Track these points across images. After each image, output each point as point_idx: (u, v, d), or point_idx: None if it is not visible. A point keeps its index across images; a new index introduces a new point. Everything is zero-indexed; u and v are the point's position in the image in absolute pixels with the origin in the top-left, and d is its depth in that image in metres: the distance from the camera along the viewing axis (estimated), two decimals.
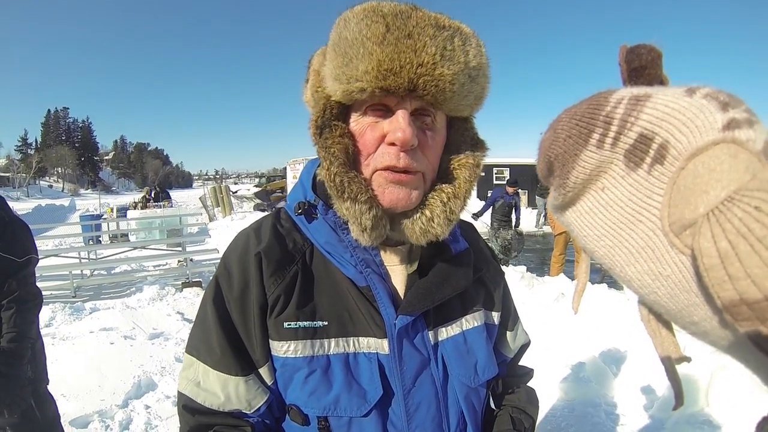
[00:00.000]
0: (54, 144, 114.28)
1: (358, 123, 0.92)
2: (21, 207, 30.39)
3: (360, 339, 0.96)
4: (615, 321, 4.92)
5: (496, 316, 1.14)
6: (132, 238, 14.28)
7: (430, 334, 1.00)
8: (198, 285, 8.56)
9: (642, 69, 0.42)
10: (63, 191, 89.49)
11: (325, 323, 0.95)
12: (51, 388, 2.75)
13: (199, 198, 26.69)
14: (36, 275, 2.60)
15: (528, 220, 17.71)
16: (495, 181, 23.53)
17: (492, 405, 1.18)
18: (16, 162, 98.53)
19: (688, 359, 0.43)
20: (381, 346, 0.95)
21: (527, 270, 7.41)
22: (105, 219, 16.97)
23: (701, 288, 0.30)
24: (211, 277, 1.05)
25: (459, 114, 0.96)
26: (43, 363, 2.67)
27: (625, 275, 0.37)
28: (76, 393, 4.31)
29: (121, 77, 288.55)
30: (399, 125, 0.86)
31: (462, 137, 0.99)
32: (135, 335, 5.77)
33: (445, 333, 1.02)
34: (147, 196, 22.82)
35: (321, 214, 1.00)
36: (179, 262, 10.54)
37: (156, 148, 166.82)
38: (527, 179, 17.61)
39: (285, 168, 29.00)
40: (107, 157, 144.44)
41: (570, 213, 0.42)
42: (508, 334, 1.22)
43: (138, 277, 9.49)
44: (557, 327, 5.14)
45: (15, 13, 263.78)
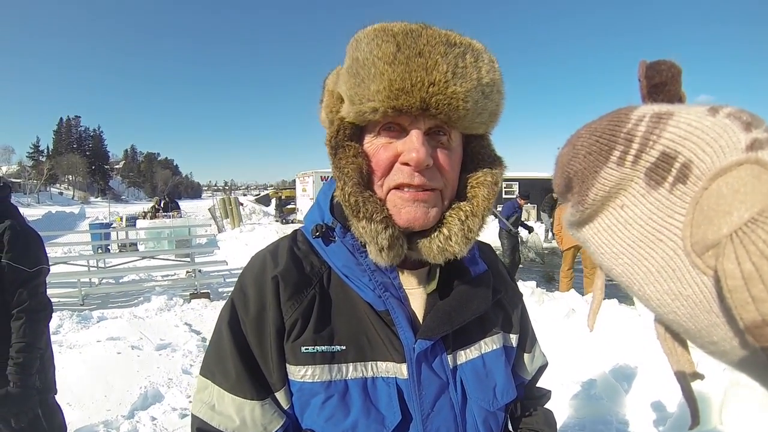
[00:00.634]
0: (65, 152, 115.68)
1: (371, 144, 0.91)
2: (31, 213, 30.64)
3: (378, 363, 0.94)
4: (626, 337, 4.87)
5: (514, 338, 1.12)
6: (141, 247, 14.33)
7: (448, 357, 0.98)
8: (206, 296, 8.57)
9: (662, 85, 0.42)
10: (73, 199, 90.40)
11: (343, 348, 0.93)
12: (57, 396, 2.74)
13: (209, 209, 26.78)
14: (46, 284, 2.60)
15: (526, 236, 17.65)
16: (504, 195, 23.45)
17: (510, 428, 1.16)
18: (27, 168, 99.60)
19: (701, 377, 0.43)
20: (400, 370, 0.93)
21: (537, 285, 7.36)
22: (114, 228, 17.06)
23: (723, 309, 0.30)
24: (227, 300, 1.04)
25: (474, 131, 0.95)
26: (52, 373, 2.67)
27: (644, 294, 0.37)
28: (82, 402, 4.31)
29: (133, 87, 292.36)
30: (413, 145, 0.85)
31: (479, 155, 0.98)
32: (142, 345, 5.77)
33: (464, 356, 1.01)
34: (156, 206, 22.92)
35: (339, 237, 0.98)
36: (187, 272, 10.55)
37: (166, 158, 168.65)
38: (536, 193, 17.54)
39: (294, 180, 29.18)
40: (117, 166, 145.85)
41: (587, 230, 0.41)
42: (525, 356, 1.20)
43: (146, 287, 9.52)
44: (568, 343, 5.09)
45: (31, 24, 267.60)
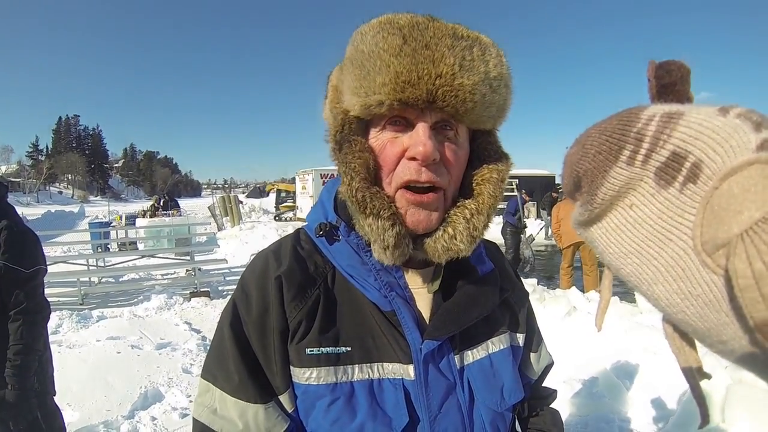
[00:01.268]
0: (64, 151, 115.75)
1: (377, 138, 0.89)
2: (31, 212, 30.67)
3: (385, 365, 0.92)
4: (628, 335, 4.86)
5: (521, 337, 1.11)
6: (140, 246, 14.33)
7: (456, 358, 0.97)
8: (206, 295, 8.56)
9: (672, 85, 0.43)
10: (72, 198, 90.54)
11: (349, 349, 0.92)
12: (56, 396, 2.73)
13: (208, 207, 26.80)
14: (45, 283, 2.59)
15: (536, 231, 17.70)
16: (504, 192, 23.35)
17: (517, 428, 1.15)
18: (26, 168, 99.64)
19: (709, 376, 0.43)
20: (406, 371, 0.92)
21: (538, 283, 7.36)
22: (114, 227, 17.05)
23: (733, 308, 0.30)
24: (228, 300, 1.02)
25: (481, 126, 0.93)
26: (50, 374, 2.65)
27: (653, 294, 0.37)
28: (81, 402, 4.30)
29: (132, 86, 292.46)
30: (420, 139, 0.84)
31: (485, 151, 0.96)
32: (142, 344, 5.77)
33: (471, 357, 0.99)
34: (156, 204, 22.94)
35: (343, 236, 0.96)
36: (187, 271, 10.56)
37: (165, 156, 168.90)
38: (536, 190, 17.61)
39: (294, 178, 29.19)
40: (117, 165, 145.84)
41: (595, 229, 0.41)
42: (532, 355, 1.19)
43: (146, 286, 9.54)
44: (569, 341, 5.08)
45: (29, 23, 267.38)
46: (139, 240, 14.72)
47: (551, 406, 1.26)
